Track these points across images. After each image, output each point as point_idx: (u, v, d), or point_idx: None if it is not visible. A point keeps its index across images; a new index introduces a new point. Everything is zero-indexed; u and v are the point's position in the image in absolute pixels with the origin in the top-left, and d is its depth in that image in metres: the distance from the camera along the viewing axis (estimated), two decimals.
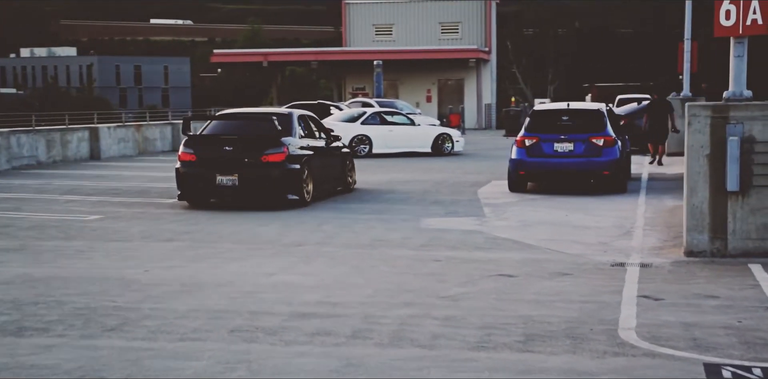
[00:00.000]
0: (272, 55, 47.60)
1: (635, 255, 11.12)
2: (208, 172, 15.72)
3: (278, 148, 15.72)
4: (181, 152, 16.21)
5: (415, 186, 19.72)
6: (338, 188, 18.34)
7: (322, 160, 17.02)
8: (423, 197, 17.79)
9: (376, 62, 41.15)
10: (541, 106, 19.02)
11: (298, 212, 15.55)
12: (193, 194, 16.24)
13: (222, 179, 15.67)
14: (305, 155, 16.25)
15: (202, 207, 16.17)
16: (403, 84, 48.72)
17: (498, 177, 21.42)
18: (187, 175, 16.01)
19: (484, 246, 11.97)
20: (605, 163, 17.67)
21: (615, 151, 17.78)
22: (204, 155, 15.88)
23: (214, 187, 15.76)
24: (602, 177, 17.87)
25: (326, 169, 17.34)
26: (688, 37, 28.44)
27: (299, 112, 17.39)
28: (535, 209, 15.73)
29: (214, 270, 10.39)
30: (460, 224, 14.02)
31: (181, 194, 16.27)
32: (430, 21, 49.60)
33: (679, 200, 16.51)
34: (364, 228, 13.65)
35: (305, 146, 16.48)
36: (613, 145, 17.80)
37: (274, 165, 15.66)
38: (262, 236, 12.90)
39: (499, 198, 17.46)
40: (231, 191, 15.80)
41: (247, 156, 15.67)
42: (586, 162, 17.71)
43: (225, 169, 15.64)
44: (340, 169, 18.31)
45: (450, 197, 17.73)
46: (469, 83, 48.07)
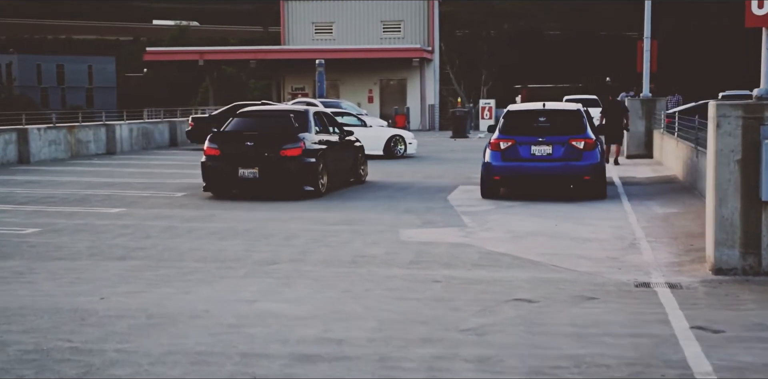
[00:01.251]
0: (208, 53, 45.81)
1: (656, 273, 9.92)
2: (230, 166, 16.77)
3: (295, 143, 16.75)
4: (206, 147, 17.16)
5: (378, 192, 18.37)
6: (351, 180, 19.35)
7: (335, 154, 18.02)
8: (391, 204, 16.46)
9: (318, 61, 39.67)
10: (516, 106, 17.82)
11: (267, 223, 14.11)
12: (217, 186, 17.28)
13: (244, 172, 16.71)
14: (320, 150, 17.24)
15: (154, 219, 14.62)
16: (344, 84, 47.32)
17: (464, 181, 20.21)
18: (211, 168, 17.04)
19: (482, 263, 10.68)
20: (586, 168, 16.54)
21: (596, 155, 16.66)
22: (227, 150, 16.90)
23: (236, 179, 16.81)
24: (582, 182, 16.73)
25: (340, 162, 18.37)
26: (648, 36, 27.56)
27: (315, 110, 18.31)
28: (519, 218, 14.50)
29: (184, 296, 8.92)
30: (443, 236, 12.72)
31: (206, 185, 17.31)
32: (372, 19, 48.28)
33: (667, 207, 15.47)
34: (339, 242, 12.27)
35: (320, 141, 17.47)
36: (594, 148, 16.68)
37: (291, 159, 16.68)
38: (225, 252, 11.44)
39: (474, 205, 16.21)
40: (252, 183, 16.84)
41: (267, 150, 16.69)
42: (565, 166, 16.55)
43: (246, 162, 16.70)
44: (353, 162, 19.43)
45: (420, 204, 16.43)
46: (412, 83, 46.85)
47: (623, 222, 13.95)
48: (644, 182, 19.69)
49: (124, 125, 31.80)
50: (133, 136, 32.41)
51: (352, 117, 28.05)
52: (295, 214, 15.15)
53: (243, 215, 15.05)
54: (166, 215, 15.03)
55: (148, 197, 17.47)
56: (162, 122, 35.09)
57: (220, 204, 16.41)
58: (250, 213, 15.25)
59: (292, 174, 16.76)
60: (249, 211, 15.54)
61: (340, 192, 18.32)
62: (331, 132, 18.43)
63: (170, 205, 16.33)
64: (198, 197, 17.51)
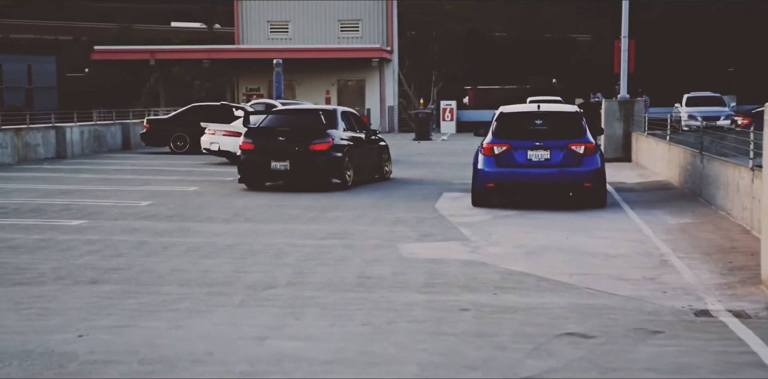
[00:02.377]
0: (160, 52, 44.07)
1: (709, 298, 8.79)
2: (264, 159, 17.96)
3: (324, 139, 17.88)
4: (242, 142, 18.48)
5: (360, 200, 17.09)
6: (375, 176, 20.21)
7: (361, 151, 19.14)
8: (377, 213, 15.21)
9: (276, 61, 38.17)
10: (509, 108, 16.66)
11: (248, 237, 12.75)
12: (252, 178, 18.52)
13: (276, 165, 17.89)
14: (347, 146, 18.34)
15: (122, 233, 13.18)
16: (300, 85, 45.84)
17: (446, 188, 19.04)
18: (246, 161, 18.30)
19: (505, 285, 9.47)
20: (586, 174, 15.43)
21: (596, 160, 15.57)
22: (261, 144, 18.08)
23: (269, 171, 18.04)
24: (582, 190, 15.62)
25: (365, 158, 19.42)
26: (625, 35, 26.62)
27: (342, 109, 19.57)
28: (522, 230, 13.33)
29: (176, 331, 7.58)
30: (448, 251, 11.51)
31: (241, 177, 18.55)
32: (329, 18, 46.88)
33: (678, 217, 14.41)
34: (336, 259, 10.98)
35: (347, 138, 18.57)
36: (595, 152, 15.58)
37: (320, 153, 17.81)
38: (212, 274, 10.10)
39: (468, 215, 15.01)
40: (283, 175, 18.11)
41: (298, 145, 17.83)
42: (564, 172, 15.42)
43: (278, 156, 17.87)
44: (378, 159, 20.29)
45: (408, 213, 15.19)
46: (371, 84, 45.57)
47: (638, 234, 12.84)
48: (638, 188, 18.65)
49: (75, 127, 30.09)
50: (85, 138, 30.71)
51: None
52: (275, 226, 13.83)
53: (219, 227, 13.69)
54: (135, 227, 13.61)
55: (111, 207, 16.01)
56: (114, 124, 33.40)
57: (192, 215, 15.01)
58: (227, 226, 13.89)
59: (321, 167, 17.90)
60: (225, 223, 14.17)
61: (317, 203, 17.02)
62: (358, 131, 19.49)
63: (137, 216, 14.90)
64: (166, 206, 16.09)
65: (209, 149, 25.46)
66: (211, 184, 19.90)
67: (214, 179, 21.14)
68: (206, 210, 15.64)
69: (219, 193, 18.30)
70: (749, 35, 52.44)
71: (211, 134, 25.49)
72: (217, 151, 25.24)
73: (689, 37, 55.15)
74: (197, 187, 19.37)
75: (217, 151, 25.23)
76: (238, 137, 25.06)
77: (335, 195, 17.81)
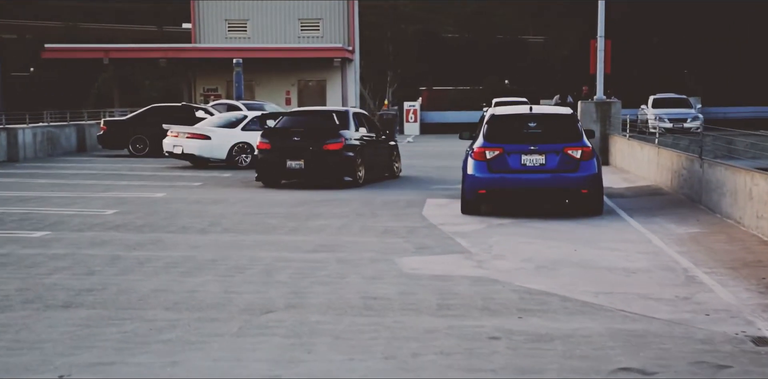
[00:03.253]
0: (115, 51, 42.54)
1: (761, 322, 7.95)
2: (280, 158, 18.66)
3: (337, 139, 18.63)
4: (259, 142, 19.14)
5: (339, 207, 16.12)
6: (386, 174, 20.97)
7: (372, 151, 19.89)
8: (363, 222, 14.25)
9: (236, 61, 37.00)
10: (501, 109, 15.79)
11: (230, 251, 11.72)
12: (268, 176, 19.20)
13: (291, 164, 18.60)
14: (359, 146, 19.11)
15: (91, 246, 12.07)
16: (259, 85, 44.58)
17: (429, 194, 18.12)
18: (263, 160, 19.06)
19: (528, 306, 8.56)
20: (584, 180, 14.61)
21: (593, 165, 14.76)
22: (277, 144, 18.75)
23: (284, 170, 18.77)
24: (579, 196, 14.79)
25: (376, 157, 20.13)
26: (601, 35, 25.90)
27: (354, 110, 20.41)
28: (523, 241, 12.46)
29: (173, 369, 6.58)
30: (452, 266, 10.60)
31: (258, 175, 19.29)
32: (289, 17, 45.72)
33: (684, 226, 13.64)
34: (331, 276, 10.01)
35: (359, 138, 19.32)
36: (592, 157, 14.78)
37: (333, 152, 18.56)
38: (199, 294, 9.08)
39: (460, 224, 14.11)
40: (298, 173, 18.86)
41: (312, 145, 18.56)
42: (560, 178, 14.59)
43: (293, 155, 18.59)
44: (388, 158, 21.04)
45: (396, 222, 14.26)
46: (332, 85, 44.48)
47: (649, 245, 12.02)
48: (628, 194, 17.88)
49: (27, 129, 28.68)
50: (38, 141, 29.30)
51: None
52: (257, 237, 12.81)
53: (196, 239, 12.63)
54: (104, 239, 12.51)
55: (74, 216, 14.86)
56: (68, 126, 31.97)
57: (164, 225, 13.93)
58: (205, 237, 12.84)
59: (334, 166, 18.67)
60: (202, 234, 13.12)
61: (296, 210, 16.02)
62: (369, 131, 20.22)
63: (103, 226, 13.78)
64: (134, 215, 14.98)
65: (172, 152, 24.29)
66: (178, 190, 18.79)
67: (180, 185, 20.01)
68: (178, 219, 14.57)
69: (188, 199, 17.22)
70: (710, 36, 52.29)
71: (174, 137, 24.32)
72: (180, 154, 24.08)
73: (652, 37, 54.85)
74: (164, 193, 18.24)
75: (181, 154, 24.07)
76: (203, 140, 24.02)
77: (314, 202, 16.81)
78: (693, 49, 52.64)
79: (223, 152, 23.88)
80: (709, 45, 52.23)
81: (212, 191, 18.82)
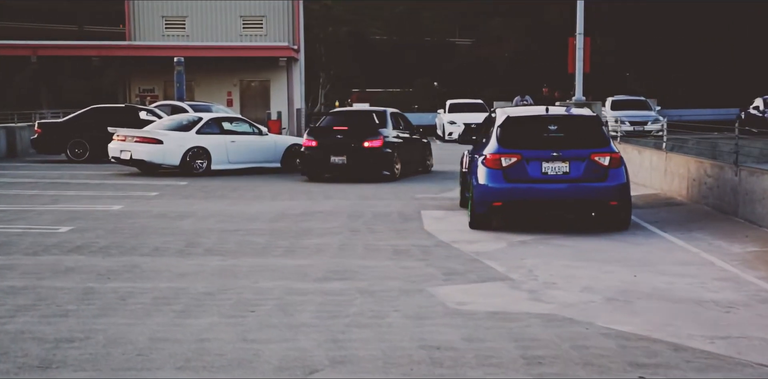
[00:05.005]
0: (43, 48, 39.76)
1: None
2: (324, 154, 20.15)
3: (376, 137, 20.14)
4: (305, 140, 20.64)
5: (324, 222, 14.16)
6: (419, 169, 22.43)
7: (407, 147, 21.36)
8: (363, 240, 12.35)
9: (177, 59, 34.65)
10: (515, 110, 14.00)
11: (225, 279, 9.69)
12: (313, 171, 20.65)
13: (335, 159, 20.10)
14: (395, 143, 20.65)
15: (54, 275, 9.94)
16: (199, 85, 42.16)
17: (419, 205, 16.28)
18: (309, 156, 20.41)
19: (638, 360, 6.77)
20: (613, 190, 12.89)
21: (622, 174, 13.05)
22: (322, 141, 20.24)
23: (328, 165, 20.25)
24: (607, 209, 13.07)
25: (411, 153, 21.63)
26: (581, 32, 24.37)
27: (391, 111, 21.94)
28: (564, 263, 10.69)
29: None
30: (504, 299, 8.78)
31: (303, 170, 20.76)
32: (230, 14, 43.37)
33: (738, 243, 11.98)
34: (364, 315, 8.12)
35: (396, 136, 20.82)
36: (620, 164, 13.06)
37: (373, 149, 20.05)
38: (211, 345, 7.11)
39: (476, 241, 12.29)
40: (341, 168, 20.30)
41: (353, 142, 20.06)
42: (587, 188, 12.84)
43: (337, 151, 20.09)
44: (421, 155, 22.57)
45: (402, 240, 12.38)
46: (277, 85, 42.30)
47: (716, 269, 10.34)
48: (641, 204, 16.14)
49: None
50: None
51: (244, 123, 23.59)
52: (250, 261, 10.82)
53: (178, 264, 10.59)
54: (68, 266, 10.38)
55: (23, 235, 12.65)
56: None
57: (133, 245, 11.82)
58: (188, 261, 10.80)
59: (373, 161, 20.19)
60: (182, 257, 11.07)
61: (277, 226, 14.03)
62: (404, 129, 21.68)
63: (61, 247, 11.63)
64: (93, 232, 12.83)
65: (119, 158, 22.01)
66: (135, 202, 16.61)
67: (135, 195, 17.82)
68: (148, 238, 12.47)
69: (151, 213, 15.09)
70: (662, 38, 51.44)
71: (121, 141, 22.05)
72: (128, 160, 21.81)
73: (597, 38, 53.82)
74: (121, 205, 16.07)
75: (129, 160, 21.81)
76: (154, 144, 21.74)
77: (294, 216, 14.82)
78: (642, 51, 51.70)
79: (176, 158, 21.70)
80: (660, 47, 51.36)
81: (173, 202, 16.70)
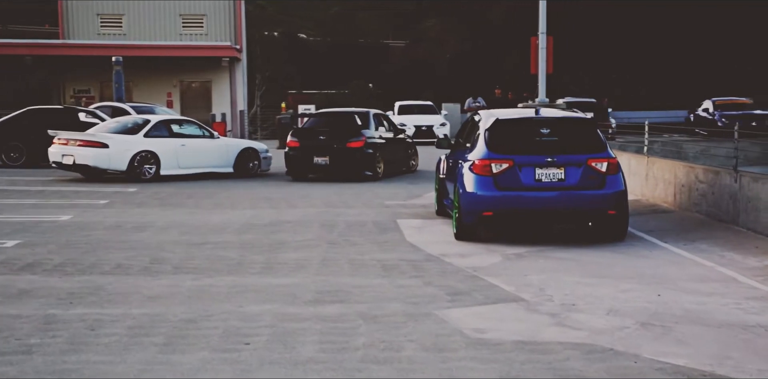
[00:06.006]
0: None
1: None
2: (307, 155, 20.43)
3: (358, 138, 20.33)
4: (289, 140, 20.96)
5: (296, 233, 13.06)
6: (403, 169, 22.48)
7: (390, 148, 21.51)
8: (344, 254, 11.29)
9: (116, 58, 33.20)
10: (504, 113, 13.04)
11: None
12: (297, 171, 20.88)
13: (318, 160, 20.35)
14: (378, 143, 20.82)
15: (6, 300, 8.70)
16: (138, 86, 40.64)
17: (392, 214, 15.27)
18: (292, 156, 20.73)
19: None
20: (611, 198, 12.02)
21: (620, 181, 12.19)
22: (305, 142, 20.58)
23: (311, 165, 20.49)
24: (605, 218, 12.19)
25: (394, 154, 21.76)
26: (543, 31, 23.58)
27: (374, 112, 22.17)
28: (574, 279, 9.77)
29: None
30: (526, 325, 7.83)
31: (287, 170, 20.95)
32: (169, 12, 41.85)
33: (751, 256, 11.19)
34: (375, 346, 7.08)
35: (378, 136, 21.01)
36: (618, 170, 12.21)
37: (355, 150, 20.24)
38: (176, 369, 6.02)
39: (467, 255, 11.32)
40: (324, 169, 20.50)
41: (336, 143, 20.30)
42: (584, 197, 11.95)
43: (320, 152, 20.35)
44: (405, 154, 22.67)
45: (387, 253, 11.35)
46: (219, 86, 40.91)
47: (742, 286, 9.51)
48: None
49: None
50: None
51: (194, 126, 22.33)
52: (226, 279, 9.71)
53: (146, 284, 9.41)
54: (21, 288, 9.13)
55: None
56: None
57: (92, 262, 10.60)
58: (156, 281, 9.63)
59: (355, 162, 20.34)
60: (149, 276, 9.89)
61: (246, 237, 12.89)
62: (387, 130, 21.91)
63: (9, 265, 10.36)
64: (44, 247, 11.53)
65: (60, 163, 20.61)
66: (85, 211, 15.31)
67: (83, 203, 16.50)
68: (106, 253, 11.26)
69: (104, 224, 13.84)
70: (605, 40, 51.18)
71: (62, 144, 20.65)
72: (71, 165, 20.41)
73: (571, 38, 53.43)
74: (70, 215, 14.76)
75: (72, 165, 20.41)
76: (99, 148, 20.34)
77: (261, 226, 13.69)
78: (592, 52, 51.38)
79: (123, 163, 20.37)
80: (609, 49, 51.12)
81: (126, 211, 15.45)
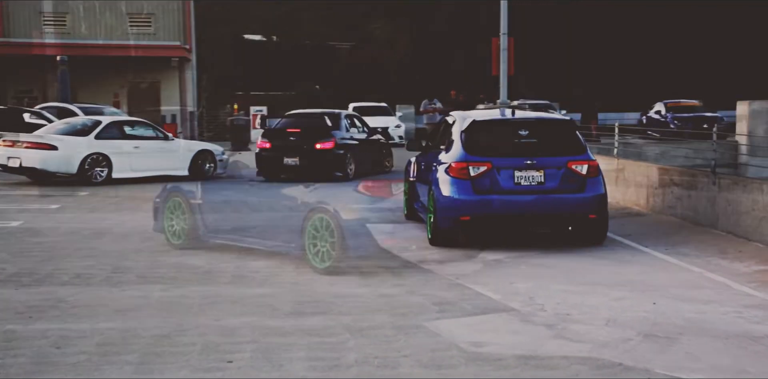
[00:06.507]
0: None
1: None
2: (278, 155, 20.37)
3: (328, 139, 20.36)
4: (259, 141, 20.99)
5: (264, 239, 12.46)
6: (377, 170, 22.20)
7: (362, 148, 21.39)
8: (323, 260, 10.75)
9: (61, 57, 32.29)
10: (481, 114, 12.60)
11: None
12: (268, 171, 20.54)
13: (288, 161, 20.28)
14: (349, 144, 20.78)
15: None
16: (82, 87, 39.64)
17: (359, 216, 14.60)
18: (263, 157, 20.65)
19: None
20: (592, 202, 11.65)
21: (600, 184, 11.82)
22: (275, 143, 20.56)
23: (282, 166, 20.33)
24: (585, 222, 11.80)
25: (366, 154, 21.59)
26: (505, 32, 23.24)
27: (346, 113, 22.62)
28: (561, 288, 9.36)
29: None
30: (523, 338, 7.39)
31: (258, 170, 20.56)
32: (116, 11, 40.91)
33: (735, 260, 10.88)
34: (368, 362, 6.61)
35: (349, 138, 21.08)
36: (598, 173, 11.83)
37: (325, 151, 20.22)
38: None
39: (446, 262, 10.87)
40: (294, 169, 20.28)
41: (306, 144, 20.29)
42: (564, 200, 11.55)
43: (290, 153, 20.29)
44: (378, 155, 22.61)
45: (363, 261, 10.83)
46: (168, 86, 40.01)
47: (737, 293, 9.17)
48: None
49: None
50: None
51: (147, 127, 21.59)
52: (198, 290, 9.12)
53: (111, 296, 8.78)
54: None
55: None
56: None
57: (50, 273, 9.94)
58: (121, 292, 9.00)
59: (325, 163, 20.20)
60: (114, 287, 9.25)
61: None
62: (359, 131, 22.02)
63: None
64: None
65: (6, 166, 19.73)
66: (36, 216, 14.57)
67: (33, 208, 15.74)
68: (64, 261, 10.60)
69: (59, 229, 13.14)
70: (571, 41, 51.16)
71: (8, 146, 19.78)
72: (18, 167, 19.57)
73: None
74: (20, 220, 14.02)
75: (18, 167, 19.57)
76: (47, 150, 19.51)
77: (233, 230, 13.07)
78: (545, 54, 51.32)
79: (73, 165, 19.57)
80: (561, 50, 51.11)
81: (80, 216, 14.74)
